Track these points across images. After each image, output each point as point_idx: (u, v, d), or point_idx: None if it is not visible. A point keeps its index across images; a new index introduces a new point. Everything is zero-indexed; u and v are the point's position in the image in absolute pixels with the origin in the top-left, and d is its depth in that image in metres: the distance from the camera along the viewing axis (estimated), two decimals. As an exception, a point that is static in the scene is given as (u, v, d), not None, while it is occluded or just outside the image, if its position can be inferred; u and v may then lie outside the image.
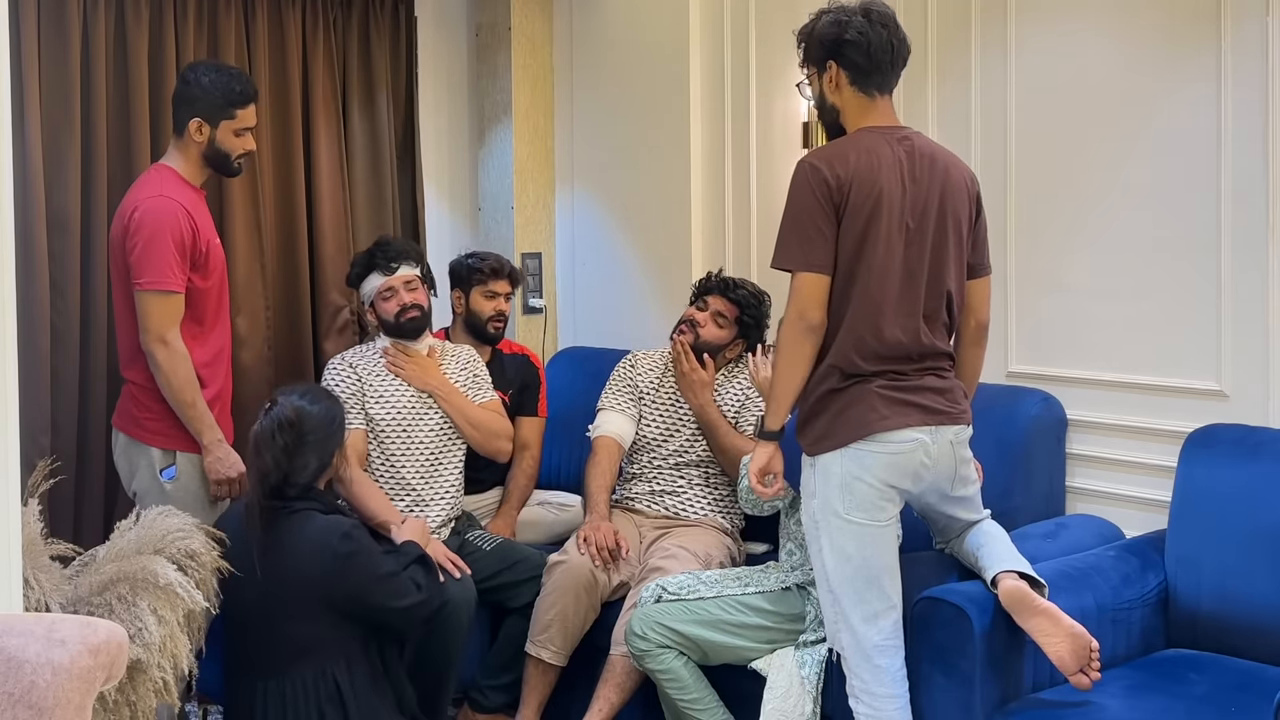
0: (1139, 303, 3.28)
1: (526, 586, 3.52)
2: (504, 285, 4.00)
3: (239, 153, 3.49)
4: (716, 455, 3.68)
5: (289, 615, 3.02)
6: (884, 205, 2.67)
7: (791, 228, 2.71)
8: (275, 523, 3.07)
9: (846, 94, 2.78)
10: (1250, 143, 3.05)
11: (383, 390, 3.69)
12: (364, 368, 3.72)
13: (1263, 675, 2.76)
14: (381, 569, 3.07)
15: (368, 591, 3.05)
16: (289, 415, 3.11)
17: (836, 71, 2.77)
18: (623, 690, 3.30)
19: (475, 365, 3.88)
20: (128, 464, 3.47)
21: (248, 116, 3.48)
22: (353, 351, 3.81)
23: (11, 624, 2.09)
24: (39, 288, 3.72)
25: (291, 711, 3.00)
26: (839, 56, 2.76)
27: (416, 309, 3.74)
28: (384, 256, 3.75)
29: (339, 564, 3.01)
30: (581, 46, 4.64)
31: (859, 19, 2.74)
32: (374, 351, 3.77)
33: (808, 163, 2.71)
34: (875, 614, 2.70)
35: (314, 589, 3.01)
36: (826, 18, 2.79)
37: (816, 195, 2.67)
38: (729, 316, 3.73)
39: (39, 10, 3.73)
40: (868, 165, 2.68)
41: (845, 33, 2.74)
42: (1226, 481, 2.96)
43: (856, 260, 2.67)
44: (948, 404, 2.73)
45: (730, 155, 4.20)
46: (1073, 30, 3.38)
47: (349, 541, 3.04)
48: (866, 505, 2.67)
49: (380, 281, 3.73)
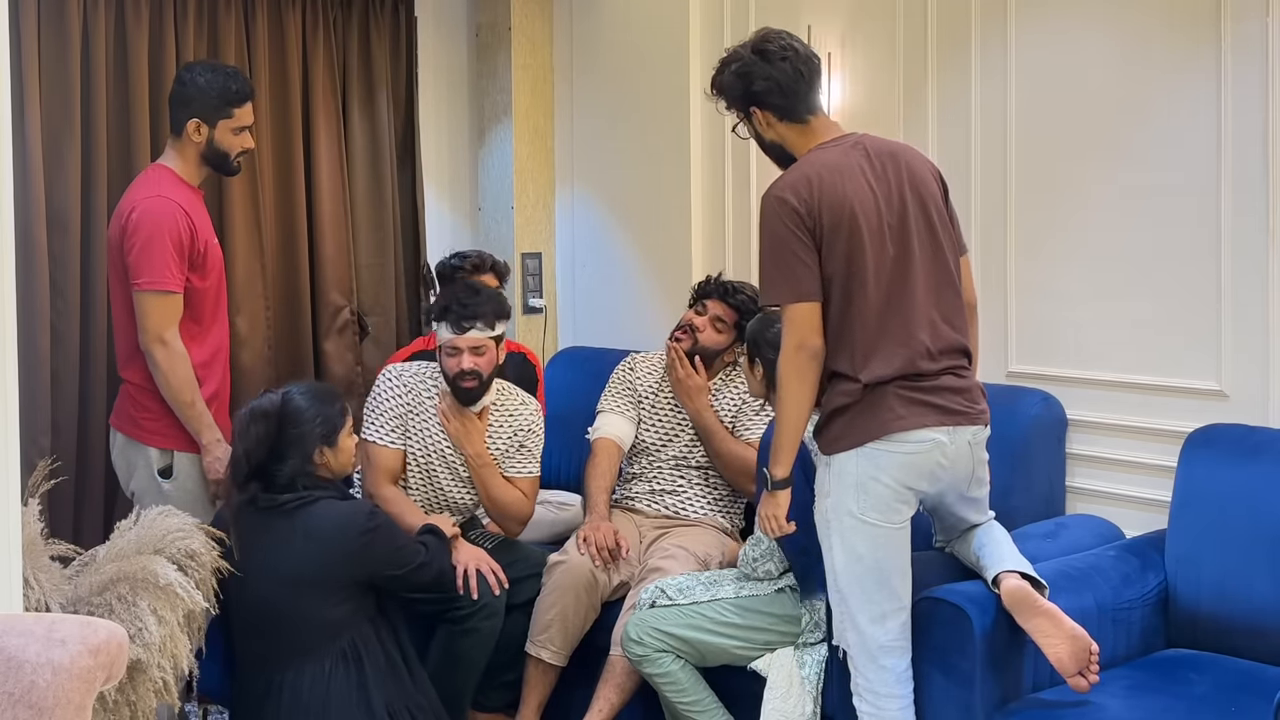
0: (1139, 303, 3.28)
1: (527, 584, 3.52)
2: (489, 280, 4.00)
3: (237, 151, 3.49)
4: (713, 460, 3.68)
5: (315, 602, 3.02)
6: (860, 216, 2.66)
7: (772, 263, 2.70)
8: (292, 516, 3.07)
9: (781, 129, 2.80)
10: (1250, 142, 3.05)
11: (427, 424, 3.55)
12: (415, 392, 3.55)
13: (1263, 675, 2.76)
14: (401, 538, 3.19)
15: (391, 559, 3.13)
16: (267, 406, 3.13)
17: (762, 114, 2.80)
18: (623, 690, 3.30)
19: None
20: (125, 464, 3.47)
21: (245, 115, 3.48)
22: (412, 370, 3.60)
23: (11, 624, 2.10)
24: (39, 288, 3.72)
25: (312, 700, 3.00)
26: (758, 103, 2.79)
27: (475, 378, 3.43)
28: (460, 313, 3.42)
29: (368, 540, 3.08)
30: (581, 46, 4.64)
31: (760, 64, 2.75)
32: (431, 378, 3.57)
33: (773, 196, 2.70)
34: (883, 614, 2.70)
35: (344, 571, 3.05)
36: (729, 70, 2.81)
37: (789, 225, 2.66)
38: (728, 321, 3.72)
39: (39, 10, 3.73)
40: (831, 182, 2.67)
41: (752, 84, 2.76)
42: (1226, 481, 2.96)
43: (849, 277, 2.66)
44: (966, 404, 2.72)
45: (730, 155, 4.19)
46: (1072, 30, 3.38)
47: (374, 519, 3.12)
48: (882, 506, 2.66)
49: (448, 336, 3.44)
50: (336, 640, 3.04)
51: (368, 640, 3.08)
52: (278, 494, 3.09)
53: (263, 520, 3.08)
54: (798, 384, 2.67)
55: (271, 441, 3.09)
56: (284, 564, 3.03)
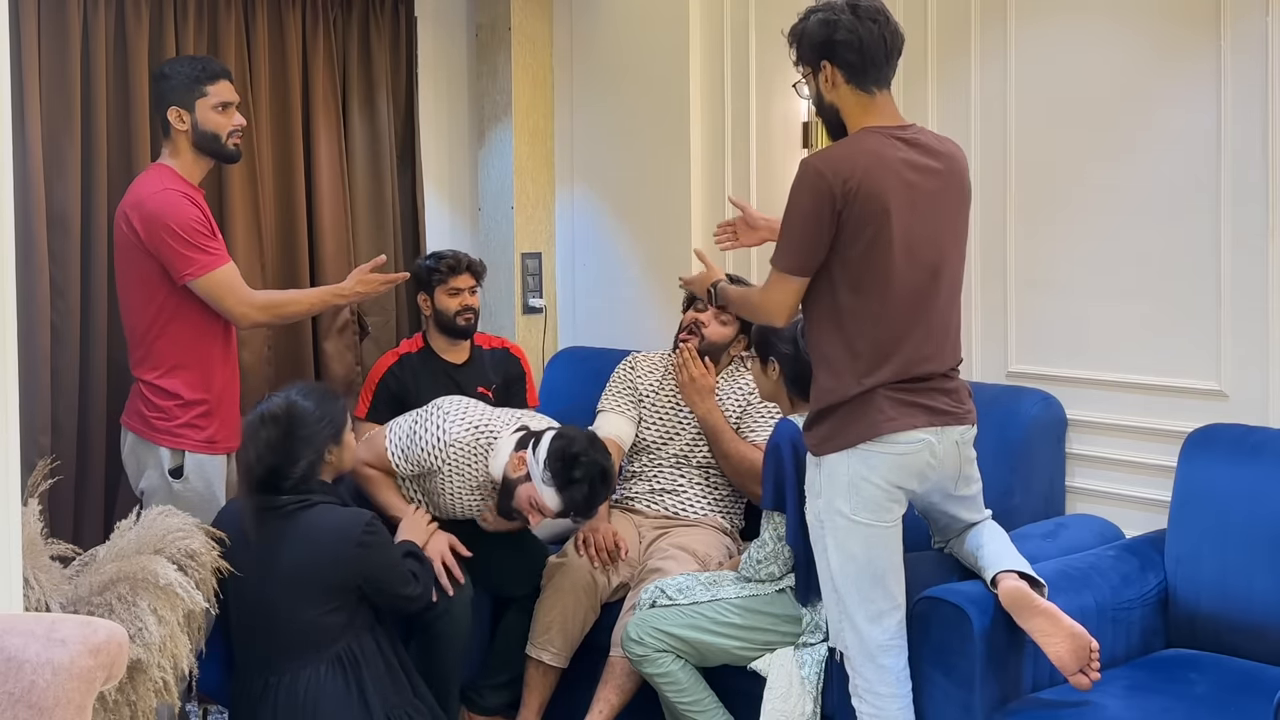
0: (1139, 303, 3.28)
1: (527, 575, 3.52)
2: (465, 280, 4.00)
3: (227, 130, 3.47)
4: (719, 460, 3.68)
5: (309, 605, 3.03)
6: (893, 214, 2.62)
7: (791, 228, 2.68)
8: (291, 518, 3.08)
9: (843, 92, 2.74)
10: (1250, 142, 3.05)
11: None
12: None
13: (1263, 675, 2.77)
14: (396, 556, 3.18)
15: (382, 577, 3.11)
16: (275, 410, 3.13)
17: (831, 70, 2.73)
18: (623, 692, 3.30)
19: None
20: (136, 463, 3.47)
21: (222, 90, 3.47)
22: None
23: (11, 624, 2.10)
24: (39, 288, 3.72)
25: (307, 702, 3.00)
26: (832, 56, 2.71)
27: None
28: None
29: (362, 551, 3.06)
30: (581, 46, 4.64)
31: (848, 16, 2.69)
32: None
33: (813, 167, 2.66)
34: (880, 614, 2.70)
35: (335, 576, 3.04)
36: (815, 17, 2.75)
37: (817, 202, 2.62)
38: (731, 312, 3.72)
39: (39, 10, 3.73)
40: (874, 172, 2.62)
41: (835, 32, 2.69)
42: (1226, 481, 2.96)
43: (863, 273, 2.64)
44: (953, 404, 2.72)
45: (730, 155, 4.19)
46: (1073, 31, 3.38)
47: (371, 532, 3.10)
48: (873, 506, 2.67)
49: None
50: (332, 645, 3.04)
51: (365, 647, 3.08)
52: (278, 495, 3.09)
53: (261, 521, 3.08)
54: (739, 311, 3.13)
55: (283, 444, 3.10)
56: (279, 565, 3.03)
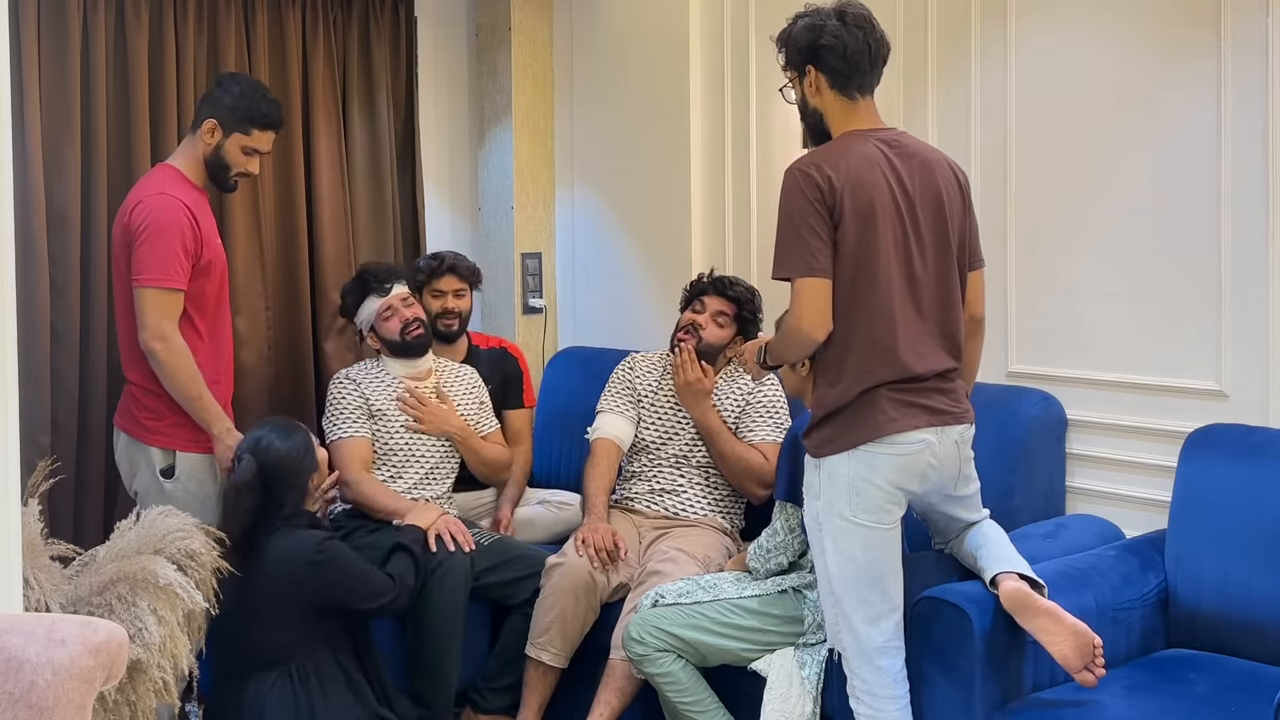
0: (1139, 303, 3.28)
1: (525, 583, 3.52)
2: (450, 282, 4.00)
3: (238, 170, 3.49)
4: (717, 462, 3.67)
5: (268, 620, 3.10)
6: (879, 213, 2.64)
7: (787, 234, 2.67)
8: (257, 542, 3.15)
9: (828, 97, 2.77)
10: (1250, 142, 3.05)
11: (389, 422, 3.76)
12: (369, 385, 3.80)
13: (1263, 675, 2.76)
14: (355, 570, 3.20)
15: (344, 593, 3.16)
16: (246, 479, 3.16)
17: (816, 75, 2.76)
18: (623, 694, 3.29)
19: (479, 391, 3.97)
20: (128, 463, 3.47)
21: (262, 140, 3.49)
22: (357, 369, 3.88)
23: (11, 624, 2.10)
24: (39, 288, 3.72)
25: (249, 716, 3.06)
26: (817, 61, 2.74)
27: (419, 324, 3.80)
28: (376, 279, 3.83)
29: (315, 570, 3.12)
30: (581, 46, 4.64)
31: (833, 22, 2.72)
32: (380, 371, 3.84)
33: (797, 168, 2.68)
34: (878, 615, 2.70)
35: (289, 594, 3.11)
36: (802, 22, 2.78)
37: (808, 198, 2.63)
38: (729, 314, 3.72)
39: (39, 10, 3.73)
40: (859, 171, 2.64)
41: (821, 37, 2.72)
42: (1226, 481, 2.96)
43: (857, 270, 2.64)
44: (952, 404, 2.73)
45: (730, 155, 4.20)
46: (1073, 31, 3.38)
47: (322, 551, 3.15)
48: (873, 508, 2.66)
49: (378, 304, 3.79)
50: (286, 661, 3.10)
51: (321, 663, 3.13)
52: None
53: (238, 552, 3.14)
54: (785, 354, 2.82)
55: (265, 502, 3.17)
56: (243, 583, 3.06)
